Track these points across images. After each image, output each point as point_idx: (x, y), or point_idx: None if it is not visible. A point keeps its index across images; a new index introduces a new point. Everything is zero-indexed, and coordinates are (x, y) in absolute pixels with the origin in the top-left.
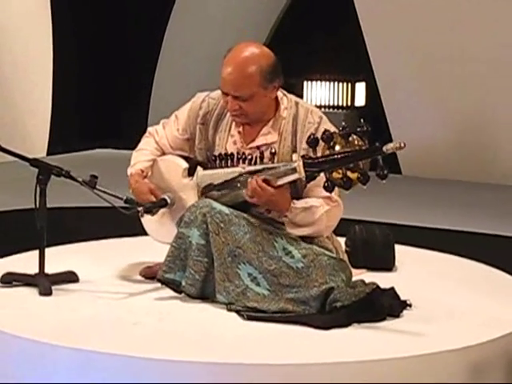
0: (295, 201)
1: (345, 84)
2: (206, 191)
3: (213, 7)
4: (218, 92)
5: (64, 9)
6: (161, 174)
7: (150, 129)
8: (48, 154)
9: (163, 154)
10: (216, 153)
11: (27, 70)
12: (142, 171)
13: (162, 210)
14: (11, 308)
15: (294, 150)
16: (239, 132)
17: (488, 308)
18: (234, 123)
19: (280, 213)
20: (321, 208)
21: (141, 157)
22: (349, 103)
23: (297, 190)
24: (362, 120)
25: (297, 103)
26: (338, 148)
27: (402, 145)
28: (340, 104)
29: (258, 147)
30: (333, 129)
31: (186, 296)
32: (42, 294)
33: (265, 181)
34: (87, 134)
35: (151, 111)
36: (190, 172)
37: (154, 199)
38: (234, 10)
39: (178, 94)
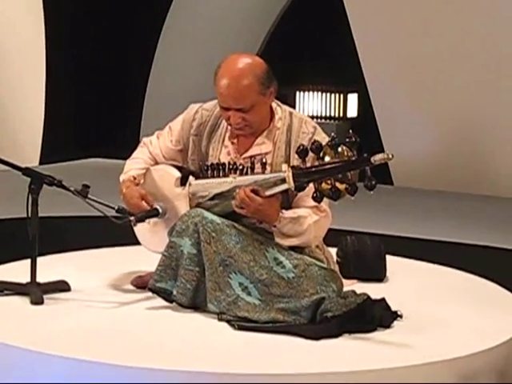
0: (284, 211)
1: (337, 95)
2: (197, 201)
3: (205, 19)
4: (212, 103)
5: (57, 20)
6: (153, 182)
7: (144, 139)
8: (40, 163)
9: (156, 163)
10: (209, 163)
11: (20, 79)
12: (134, 178)
13: (153, 220)
14: (2, 317)
15: (288, 160)
16: (233, 143)
17: (478, 319)
18: (227, 134)
19: (269, 223)
20: (309, 218)
21: (134, 165)
22: (341, 114)
23: (288, 200)
24: (350, 131)
25: (291, 113)
26: (327, 159)
27: (390, 156)
28: (332, 115)
29: (251, 157)
30: (326, 139)
31: (177, 305)
32: (33, 302)
33: (253, 191)
34: (79, 143)
35: (144, 120)
36: (183, 181)
37: (145, 204)
38: (226, 21)
39: (170, 103)
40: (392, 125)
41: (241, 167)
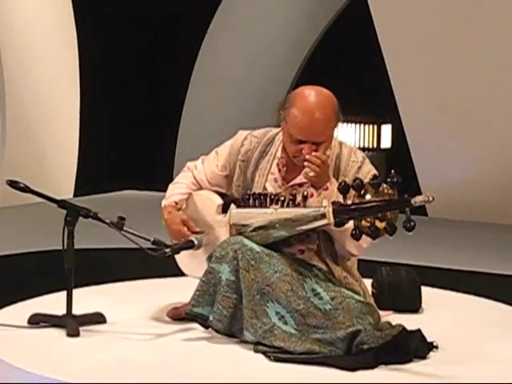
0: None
1: (371, 126)
2: (237, 230)
3: (242, 45)
4: (261, 131)
5: (91, 50)
6: (195, 207)
7: (188, 164)
8: (75, 195)
9: (200, 188)
10: (253, 191)
11: (54, 112)
12: (176, 203)
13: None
14: (39, 349)
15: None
16: (279, 170)
17: None
18: (275, 161)
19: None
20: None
21: (176, 190)
22: (375, 145)
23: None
24: (392, 171)
25: (340, 143)
26: (368, 197)
27: (431, 199)
28: (366, 146)
29: (299, 185)
30: (373, 170)
31: (213, 337)
32: (69, 335)
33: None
34: (113, 175)
35: (178, 152)
36: (224, 209)
37: (186, 230)
38: (263, 49)
39: (203, 136)
40: (426, 155)
41: (282, 199)
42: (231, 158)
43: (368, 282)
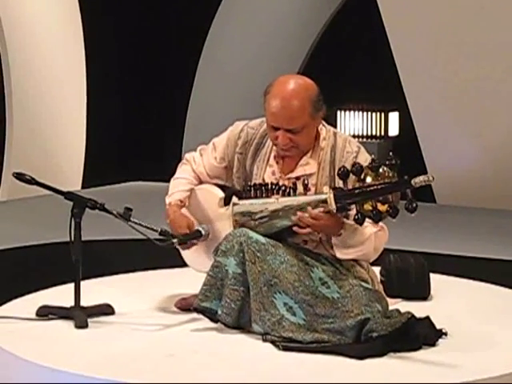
0: (345, 220)
1: (378, 114)
2: (241, 221)
3: (247, 37)
4: (257, 121)
5: (98, 43)
6: (197, 203)
7: (187, 155)
8: (83, 187)
9: (200, 182)
10: (253, 182)
11: (61, 103)
12: (181, 201)
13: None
14: (47, 341)
15: (332, 180)
16: (277, 162)
17: None
18: (272, 153)
19: (334, 234)
20: (369, 228)
21: (179, 186)
22: (382, 133)
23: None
24: (390, 153)
25: (335, 133)
26: (368, 180)
27: (431, 178)
28: (373, 134)
29: (296, 178)
30: (369, 159)
31: (221, 328)
32: (77, 326)
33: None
34: (121, 166)
35: (185, 143)
36: (226, 201)
37: None
38: (268, 40)
39: (211, 126)
40: (434, 142)
41: (283, 188)
42: (229, 150)
43: (377, 270)
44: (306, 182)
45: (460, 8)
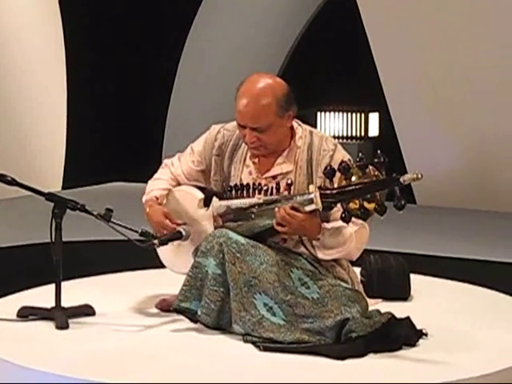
0: (325, 223)
1: (358, 114)
2: (221, 221)
3: (225, 40)
4: (233, 123)
5: (78, 43)
6: (176, 203)
7: (166, 161)
8: (63, 188)
9: (178, 184)
10: (232, 183)
11: (41, 103)
12: (157, 198)
13: (177, 241)
14: (28, 342)
15: (310, 179)
16: (254, 162)
17: (504, 336)
18: (248, 154)
19: (312, 237)
20: (349, 228)
21: (156, 185)
22: (362, 134)
23: (325, 214)
24: (378, 151)
25: (311, 132)
26: (354, 179)
27: (420, 176)
28: (354, 135)
29: (273, 177)
30: (347, 156)
31: (202, 328)
32: (58, 327)
33: (293, 208)
34: (101, 167)
35: (165, 144)
36: (206, 202)
37: (168, 222)
38: (248, 41)
39: (191, 126)
40: (413, 143)
41: (265, 188)
42: (206, 152)
43: (357, 270)
44: (289, 181)
45: (440, 11)
